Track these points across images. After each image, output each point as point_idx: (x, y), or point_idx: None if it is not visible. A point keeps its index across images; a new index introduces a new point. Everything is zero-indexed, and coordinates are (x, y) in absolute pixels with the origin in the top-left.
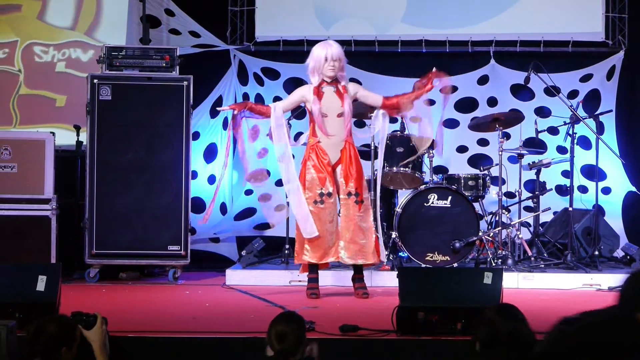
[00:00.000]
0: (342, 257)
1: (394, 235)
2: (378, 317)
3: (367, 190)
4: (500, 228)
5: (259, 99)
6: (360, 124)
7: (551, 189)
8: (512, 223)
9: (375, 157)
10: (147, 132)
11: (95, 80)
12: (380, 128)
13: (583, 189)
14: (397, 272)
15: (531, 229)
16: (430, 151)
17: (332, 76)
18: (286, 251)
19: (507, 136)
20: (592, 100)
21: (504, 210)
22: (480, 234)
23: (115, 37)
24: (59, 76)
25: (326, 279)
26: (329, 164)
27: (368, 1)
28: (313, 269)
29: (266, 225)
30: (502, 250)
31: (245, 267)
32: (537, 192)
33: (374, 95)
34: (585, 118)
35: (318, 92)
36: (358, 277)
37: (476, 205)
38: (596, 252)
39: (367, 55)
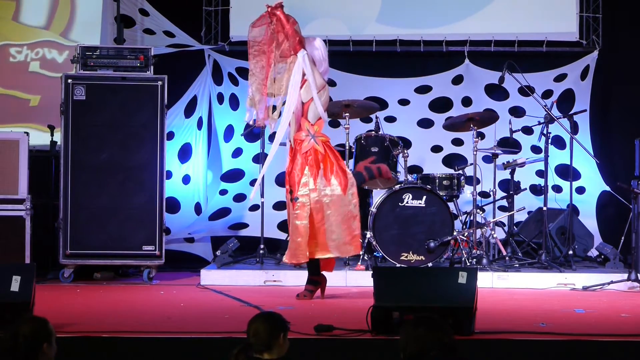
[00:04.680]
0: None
1: (368, 235)
2: (353, 317)
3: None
4: (474, 228)
5: (234, 98)
6: (334, 123)
7: (525, 189)
8: (486, 223)
9: (350, 157)
10: (121, 132)
11: (70, 80)
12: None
13: (557, 189)
14: (371, 272)
15: (505, 228)
16: (405, 151)
17: None
18: (261, 251)
19: (481, 136)
20: (567, 100)
21: (478, 210)
22: (454, 233)
23: (90, 37)
24: (32, 76)
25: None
26: None
27: (342, 1)
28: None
29: (241, 225)
30: (477, 250)
31: (220, 267)
32: (511, 192)
33: None
34: (560, 118)
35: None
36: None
37: (451, 205)
38: (570, 252)
39: (341, 55)
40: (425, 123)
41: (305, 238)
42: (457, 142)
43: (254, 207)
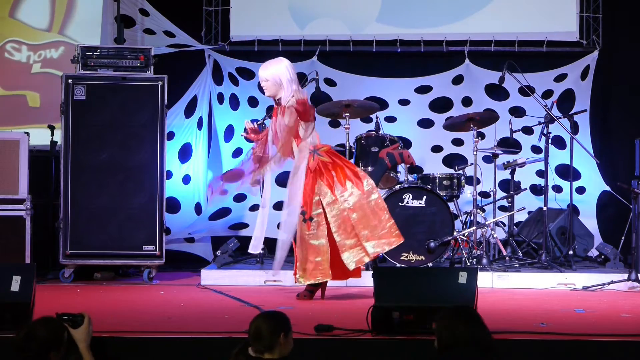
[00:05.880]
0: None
1: None
2: (353, 317)
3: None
4: (475, 228)
5: (234, 98)
6: (335, 123)
7: (526, 189)
8: (486, 223)
9: (350, 157)
10: (121, 132)
11: (70, 80)
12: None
13: (557, 189)
14: (372, 272)
15: (506, 228)
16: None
17: (268, 96)
18: (261, 251)
19: (481, 136)
20: (567, 100)
21: (478, 210)
22: (455, 233)
23: (90, 37)
24: (33, 76)
25: None
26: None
27: (343, 1)
28: None
29: (241, 225)
30: (477, 250)
31: (220, 267)
32: (511, 192)
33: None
34: (560, 118)
35: (275, 111)
36: None
37: (451, 204)
38: (570, 252)
39: (341, 55)
40: (426, 123)
41: (325, 256)
42: (457, 142)
43: (254, 207)
